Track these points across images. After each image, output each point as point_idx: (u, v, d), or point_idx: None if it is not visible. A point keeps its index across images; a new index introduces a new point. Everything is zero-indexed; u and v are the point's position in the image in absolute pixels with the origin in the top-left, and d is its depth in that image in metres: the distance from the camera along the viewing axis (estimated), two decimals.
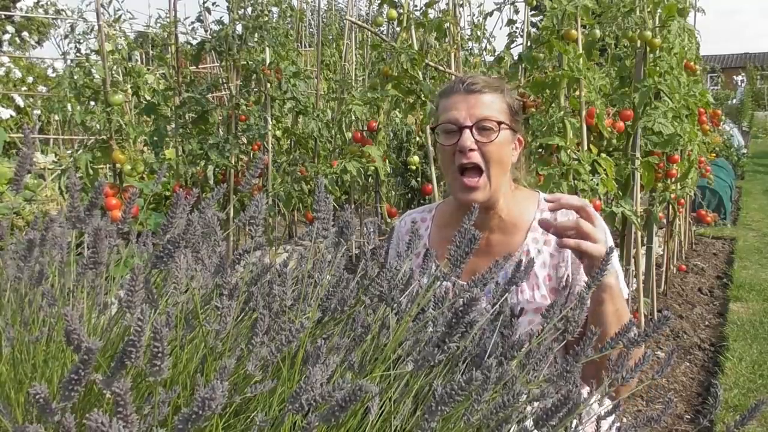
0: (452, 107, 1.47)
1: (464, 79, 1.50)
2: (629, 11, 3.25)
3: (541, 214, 1.52)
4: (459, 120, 1.45)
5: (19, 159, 0.97)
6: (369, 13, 8.20)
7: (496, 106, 1.47)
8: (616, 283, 1.31)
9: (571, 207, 1.29)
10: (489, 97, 1.47)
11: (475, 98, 1.46)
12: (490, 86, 1.48)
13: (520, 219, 1.53)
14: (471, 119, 1.44)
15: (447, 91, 1.52)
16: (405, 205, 5.75)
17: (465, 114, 1.45)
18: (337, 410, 0.73)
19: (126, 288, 0.82)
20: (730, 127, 13.41)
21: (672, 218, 4.85)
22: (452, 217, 1.58)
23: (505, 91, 1.51)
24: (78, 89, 3.07)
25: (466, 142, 1.43)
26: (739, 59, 33.41)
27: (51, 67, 9.11)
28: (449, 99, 1.49)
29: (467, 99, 1.46)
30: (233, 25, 3.85)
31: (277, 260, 1.05)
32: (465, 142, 1.43)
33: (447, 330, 0.91)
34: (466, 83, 1.48)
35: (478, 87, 1.47)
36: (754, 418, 0.98)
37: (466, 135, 1.44)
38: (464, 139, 1.44)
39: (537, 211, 1.53)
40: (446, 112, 1.48)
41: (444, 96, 1.52)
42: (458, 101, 1.47)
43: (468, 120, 1.44)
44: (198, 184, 3.91)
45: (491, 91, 1.48)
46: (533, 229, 1.51)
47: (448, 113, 1.47)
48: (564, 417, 0.86)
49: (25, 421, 0.87)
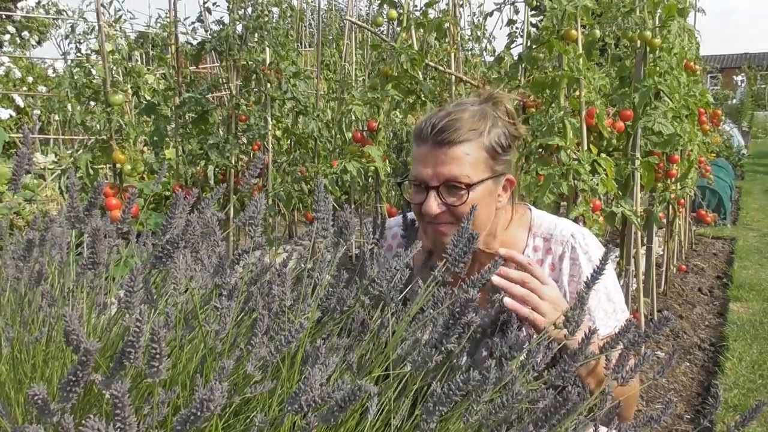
0: (420, 159, 1.30)
1: (435, 123, 1.28)
2: (629, 11, 3.25)
3: (534, 240, 1.42)
4: (425, 179, 1.28)
5: (16, 159, 0.97)
6: (369, 13, 8.20)
7: (471, 158, 1.27)
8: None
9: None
10: (460, 150, 1.26)
11: (444, 153, 1.26)
12: (465, 130, 1.27)
13: (513, 248, 1.39)
14: (438, 179, 1.27)
15: (418, 135, 1.32)
16: (405, 205, 5.74)
17: (431, 172, 1.27)
18: (336, 410, 0.73)
19: (125, 288, 0.82)
20: (730, 127, 13.40)
21: (672, 218, 4.84)
22: (428, 257, 1.40)
23: (486, 130, 1.30)
24: (78, 89, 3.07)
25: (431, 208, 1.27)
26: (739, 59, 33.39)
27: (51, 68, 9.12)
28: (419, 148, 1.31)
29: (435, 154, 1.27)
30: (233, 25, 3.85)
31: (277, 260, 1.05)
32: (429, 208, 1.27)
33: (444, 331, 0.91)
34: (435, 131, 1.27)
35: (449, 137, 1.26)
36: (754, 419, 0.98)
37: (431, 199, 1.27)
38: (428, 203, 1.27)
39: (530, 237, 1.43)
40: (415, 165, 1.31)
41: (415, 140, 1.33)
42: (425, 154, 1.28)
43: (434, 180, 1.27)
44: (198, 184, 3.91)
45: (466, 139, 1.27)
46: (526, 255, 1.41)
47: (416, 167, 1.30)
48: (562, 418, 0.86)
49: (25, 421, 0.87)
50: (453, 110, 1.32)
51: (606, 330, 1.35)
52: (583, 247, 1.40)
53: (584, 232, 1.44)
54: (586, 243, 1.41)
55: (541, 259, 1.41)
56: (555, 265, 1.40)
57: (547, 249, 1.41)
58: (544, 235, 1.42)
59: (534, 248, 1.42)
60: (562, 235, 1.41)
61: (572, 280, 1.38)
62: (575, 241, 1.40)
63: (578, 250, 1.39)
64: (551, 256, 1.41)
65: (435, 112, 1.34)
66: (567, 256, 1.39)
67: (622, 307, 1.41)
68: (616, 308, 1.40)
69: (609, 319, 1.37)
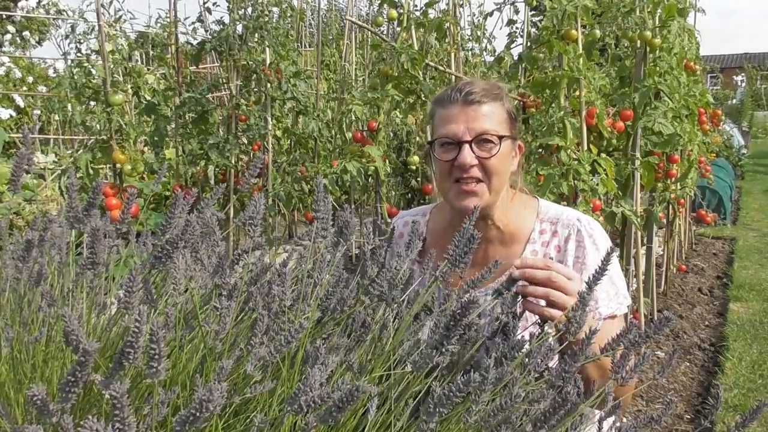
0: (450, 120, 1.38)
1: (462, 88, 1.40)
2: (629, 11, 3.25)
3: (541, 224, 1.48)
4: (457, 134, 1.36)
5: (16, 158, 0.97)
6: (369, 13, 8.20)
7: (496, 117, 1.39)
8: None
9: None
10: (488, 108, 1.38)
11: (473, 110, 1.37)
12: (489, 94, 1.39)
13: (519, 230, 1.48)
14: (470, 134, 1.36)
15: (443, 100, 1.42)
16: (405, 205, 5.74)
17: (464, 128, 1.36)
18: (335, 411, 0.73)
19: (124, 288, 0.82)
20: (730, 127, 13.40)
21: (672, 218, 4.84)
22: (446, 229, 1.51)
23: (504, 97, 1.43)
24: (78, 89, 3.07)
25: (466, 159, 1.35)
26: (739, 59, 33.39)
27: (52, 68, 9.12)
28: (446, 109, 1.40)
29: (465, 111, 1.37)
30: (233, 25, 3.85)
31: (277, 260, 1.05)
32: (465, 159, 1.35)
33: (444, 332, 0.91)
34: (464, 92, 1.38)
35: (477, 97, 1.37)
36: (755, 419, 0.98)
37: (465, 151, 1.35)
38: (464, 155, 1.35)
39: (536, 221, 1.48)
40: (443, 125, 1.39)
41: (440, 105, 1.42)
42: (456, 113, 1.38)
43: (467, 135, 1.36)
44: (198, 184, 3.91)
45: (490, 101, 1.38)
46: (532, 240, 1.47)
47: (446, 126, 1.38)
48: (562, 418, 0.86)
49: (24, 421, 0.87)
50: (481, 81, 1.44)
51: (607, 310, 1.40)
52: (588, 231, 1.45)
53: (589, 218, 1.49)
54: (591, 228, 1.46)
55: (547, 240, 1.46)
56: (560, 247, 1.45)
57: (553, 232, 1.47)
58: (550, 220, 1.48)
59: (540, 231, 1.47)
60: (567, 219, 1.47)
61: (577, 261, 1.43)
62: (581, 225, 1.45)
63: (583, 233, 1.44)
64: (557, 239, 1.46)
65: (455, 83, 1.46)
66: (572, 238, 1.44)
67: (625, 293, 1.45)
68: (618, 292, 1.43)
69: (611, 301, 1.41)
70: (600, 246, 1.43)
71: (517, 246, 1.47)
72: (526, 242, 1.47)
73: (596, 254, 1.42)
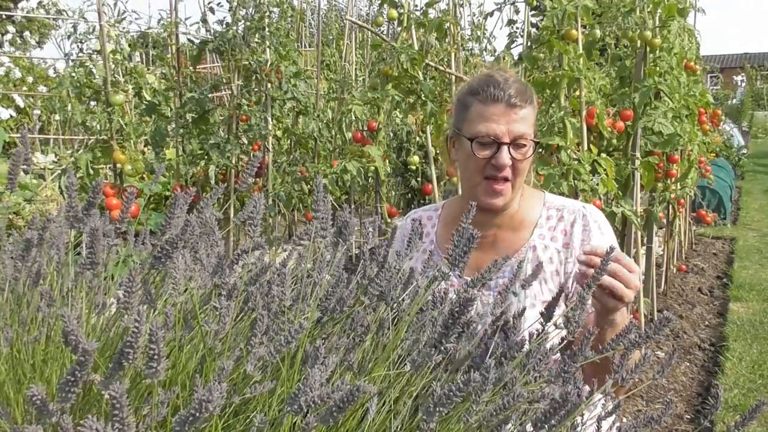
0: (491, 119, 1.42)
1: (504, 87, 1.42)
2: (629, 11, 3.24)
3: (547, 211, 1.54)
4: (498, 135, 1.41)
5: (12, 157, 0.97)
6: (369, 13, 8.21)
7: (530, 120, 1.45)
8: (622, 320, 1.26)
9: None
10: (525, 112, 1.43)
11: (515, 113, 1.42)
12: (526, 98, 1.44)
13: (527, 216, 1.53)
14: (510, 136, 1.41)
15: (483, 95, 1.44)
16: (405, 205, 5.75)
17: (505, 129, 1.41)
18: (335, 411, 0.73)
19: (124, 288, 0.82)
20: (730, 127, 13.39)
21: (672, 218, 4.84)
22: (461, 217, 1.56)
23: (534, 100, 1.48)
24: (79, 89, 3.07)
25: (505, 160, 1.41)
26: (739, 59, 33.37)
27: (52, 68, 9.12)
28: (488, 107, 1.43)
29: (508, 113, 1.42)
30: (235, 25, 3.85)
31: (277, 260, 1.05)
32: (504, 160, 1.41)
33: (443, 330, 0.91)
34: (508, 94, 1.42)
35: (518, 101, 1.42)
36: (754, 419, 0.98)
37: (504, 153, 1.41)
38: (503, 156, 1.40)
39: (543, 209, 1.54)
40: (483, 122, 1.42)
41: (479, 99, 1.44)
42: (498, 114, 1.42)
43: (507, 136, 1.41)
44: (198, 184, 3.91)
45: (527, 104, 1.44)
46: (539, 225, 1.52)
47: (487, 125, 1.42)
48: (563, 418, 0.86)
49: (24, 421, 0.87)
50: (513, 76, 1.48)
51: None
52: (594, 216, 1.51)
53: (594, 207, 1.55)
54: (597, 215, 1.53)
55: (554, 225, 1.52)
56: (567, 231, 1.51)
57: (559, 217, 1.52)
58: (557, 207, 1.54)
59: (547, 217, 1.54)
60: (573, 206, 1.54)
61: (583, 244, 1.47)
62: (586, 211, 1.52)
63: (589, 218, 1.50)
64: (563, 223, 1.52)
65: (495, 75, 1.46)
66: (579, 222, 1.50)
67: None
68: None
69: None
70: (605, 231, 1.50)
71: (524, 231, 1.53)
72: (534, 227, 1.52)
73: (601, 238, 1.47)
